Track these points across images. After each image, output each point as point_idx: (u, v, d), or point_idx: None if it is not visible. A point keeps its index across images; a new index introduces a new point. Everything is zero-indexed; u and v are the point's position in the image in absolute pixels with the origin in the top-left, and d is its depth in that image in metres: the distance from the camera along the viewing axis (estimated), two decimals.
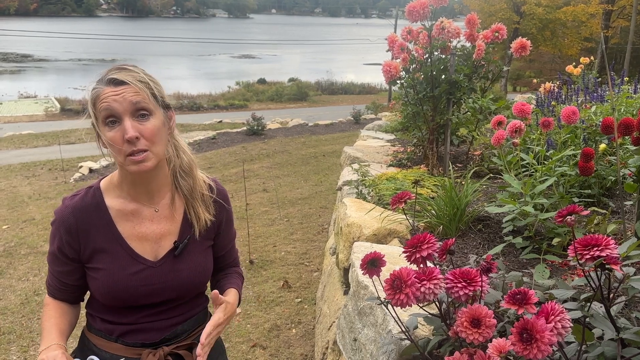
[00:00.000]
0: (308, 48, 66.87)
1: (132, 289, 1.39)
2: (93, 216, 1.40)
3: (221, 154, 12.91)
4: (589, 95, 4.62)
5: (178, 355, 1.45)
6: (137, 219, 1.44)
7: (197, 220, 1.48)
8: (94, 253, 1.40)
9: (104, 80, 1.31)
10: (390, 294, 1.25)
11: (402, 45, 3.96)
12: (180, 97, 26.93)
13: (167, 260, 1.44)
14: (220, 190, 1.57)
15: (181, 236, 1.47)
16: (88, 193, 1.43)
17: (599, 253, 1.12)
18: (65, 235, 1.39)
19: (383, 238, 2.70)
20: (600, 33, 23.97)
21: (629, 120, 2.01)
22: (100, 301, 1.44)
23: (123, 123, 1.29)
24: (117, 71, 1.32)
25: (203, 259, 1.51)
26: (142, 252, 1.43)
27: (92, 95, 1.31)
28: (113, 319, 1.43)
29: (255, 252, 5.66)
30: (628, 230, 2.29)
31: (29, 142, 15.51)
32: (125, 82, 1.30)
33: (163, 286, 1.43)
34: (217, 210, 1.54)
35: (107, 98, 1.29)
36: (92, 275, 1.42)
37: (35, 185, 10.13)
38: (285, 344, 3.81)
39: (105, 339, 1.43)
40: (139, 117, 1.31)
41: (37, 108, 23.97)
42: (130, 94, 1.30)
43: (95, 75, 1.35)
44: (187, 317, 1.51)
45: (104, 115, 1.30)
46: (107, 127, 1.30)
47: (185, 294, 1.48)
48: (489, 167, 3.75)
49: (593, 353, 1.24)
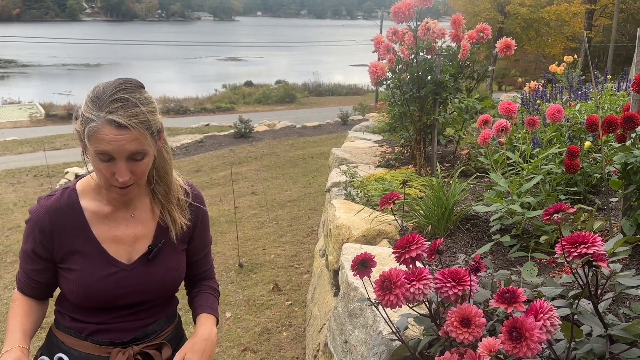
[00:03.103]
0: (295, 50, 66.87)
1: (104, 291, 1.40)
2: (68, 217, 1.40)
3: (209, 158, 12.86)
4: (574, 93, 4.67)
5: (147, 355, 1.46)
6: (113, 222, 1.44)
7: (173, 224, 1.49)
8: (68, 254, 1.40)
9: (103, 117, 1.23)
10: (380, 295, 1.25)
11: (388, 47, 3.97)
12: (166, 100, 26.77)
13: (141, 263, 1.45)
14: (196, 194, 1.57)
15: (156, 240, 1.48)
16: (64, 194, 1.43)
17: (586, 250, 1.13)
18: (39, 235, 1.39)
19: (372, 239, 2.70)
20: (583, 32, 24.24)
21: (613, 118, 2.03)
22: (71, 300, 1.44)
23: (117, 164, 1.28)
24: (119, 108, 1.24)
25: (176, 263, 1.52)
26: (116, 254, 1.43)
27: (88, 128, 1.24)
28: (83, 318, 1.44)
29: (245, 256, 5.63)
30: (614, 227, 2.31)
31: (14, 148, 15.33)
32: (127, 126, 1.23)
33: (135, 289, 1.44)
34: (192, 214, 1.54)
35: (105, 140, 1.23)
36: (64, 276, 1.42)
37: (20, 192, 10.01)
38: (276, 347, 3.80)
39: (74, 337, 1.44)
40: (134, 160, 1.30)
41: (22, 114, 23.68)
42: (130, 141, 1.25)
43: (93, 95, 1.27)
44: (158, 318, 1.52)
45: (99, 153, 1.26)
46: (98, 158, 1.27)
47: (157, 296, 1.50)
48: (476, 167, 3.77)
49: (582, 350, 1.25)
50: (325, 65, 49.02)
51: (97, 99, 1.26)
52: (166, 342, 1.51)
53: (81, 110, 1.28)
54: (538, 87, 5.07)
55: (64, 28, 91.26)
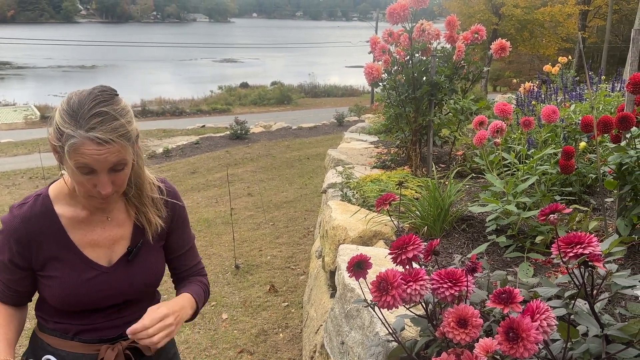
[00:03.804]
0: (290, 51, 66.84)
1: (87, 294, 1.40)
2: (44, 225, 1.39)
3: (205, 159, 12.83)
4: (568, 94, 4.69)
5: (136, 349, 1.46)
6: (89, 226, 1.43)
7: (149, 224, 1.48)
8: (47, 261, 1.40)
9: (83, 134, 1.20)
10: (376, 296, 1.25)
11: (383, 48, 3.98)
12: (162, 102, 26.74)
13: (121, 264, 1.45)
14: (170, 190, 1.56)
15: (133, 240, 1.48)
16: (37, 201, 1.41)
17: (582, 250, 1.13)
18: (15, 245, 1.37)
19: (368, 240, 2.70)
20: (577, 33, 24.36)
21: (607, 118, 2.04)
22: (53, 305, 1.44)
23: (98, 177, 1.26)
24: (99, 124, 1.22)
25: (155, 261, 1.52)
26: (95, 258, 1.43)
27: (68, 145, 1.21)
28: (68, 321, 1.44)
29: (241, 257, 5.63)
30: (609, 227, 2.32)
31: (9, 150, 15.27)
32: (109, 141, 1.22)
33: (118, 290, 1.44)
34: (168, 211, 1.54)
35: (86, 155, 1.21)
36: (45, 283, 1.41)
37: (15, 195, 9.96)
38: (273, 348, 3.79)
39: (60, 338, 1.44)
40: (115, 171, 1.29)
41: (17, 116, 23.61)
42: (112, 154, 1.24)
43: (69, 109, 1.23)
44: (142, 314, 1.50)
45: (79, 165, 1.24)
46: (78, 171, 1.25)
47: (139, 295, 1.50)
48: (472, 167, 3.78)
49: (578, 350, 1.25)
50: (321, 67, 49.00)
51: (75, 113, 1.22)
52: None
53: (56, 123, 1.25)
54: (533, 88, 5.09)
55: (59, 30, 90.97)
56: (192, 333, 4.03)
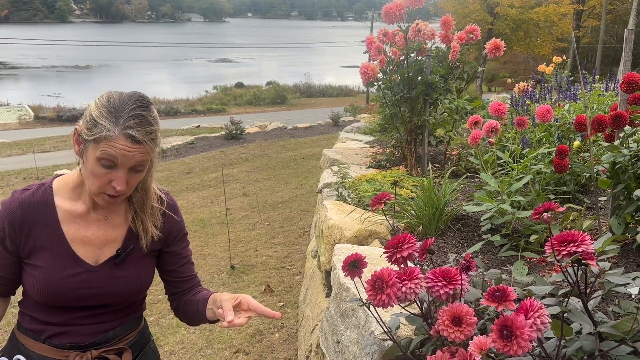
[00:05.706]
0: (285, 51, 66.80)
1: (68, 290, 1.40)
2: (39, 213, 1.40)
3: (200, 159, 12.82)
4: (562, 94, 4.71)
5: (106, 359, 1.45)
6: (84, 222, 1.44)
7: (145, 233, 1.48)
8: (34, 250, 1.40)
9: (120, 130, 1.27)
10: (371, 294, 1.25)
11: (379, 48, 3.98)
12: (157, 102, 26.66)
13: (107, 266, 1.45)
14: (171, 203, 1.57)
15: (125, 244, 1.48)
16: (39, 190, 1.44)
17: (576, 249, 1.13)
18: (8, 227, 1.39)
19: (364, 239, 2.71)
20: (571, 33, 24.46)
21: (601, 118, 2.05)
22: (33, 299, 1.44)
23: (117, 172, 1.30)
24: (137, 124, 1.29)
25: (143, 270, 1.51)
26: (83, 255, 1.43)
27: (102, 136, 1.27)
28: (43, 318, 1.43)
29: (237, 257, 5.62)
30: (603, 226, 2.33)
31: (2, 151, 15.18)
32: (142, 142, 1.29)
33: (99, 291, 1.43)
34: (165, 223, 1.53)
35: (117, 149, 1.27)
36: (29, 272, 1.41)
37: (9, 196, 9.92)
38: (269, 348, 3.79)
39: (33, 340, 1.44)
40: (134, 171, 1.33)
41: (10, 116, 23.48)
42: (140, 154, 1.30)
43: (108, 105, 1.29)
44: (120, 323, 1.51)
45: (104, 158, 1.28)
46: (98, 163, 1.29)
47: (121, 300, 1.49)
48: (466, 167, 3.79)
49: (572, 348, 1.26)
50: (316, 67, 49.04)
51: (115, 110, 1.29)
52: (127, 347, 1.49)
53: (91, 115, 1.30)
54: (527, 88, 5.10)
55: (53, 29, 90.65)
56: (188, 333, 4.02)
